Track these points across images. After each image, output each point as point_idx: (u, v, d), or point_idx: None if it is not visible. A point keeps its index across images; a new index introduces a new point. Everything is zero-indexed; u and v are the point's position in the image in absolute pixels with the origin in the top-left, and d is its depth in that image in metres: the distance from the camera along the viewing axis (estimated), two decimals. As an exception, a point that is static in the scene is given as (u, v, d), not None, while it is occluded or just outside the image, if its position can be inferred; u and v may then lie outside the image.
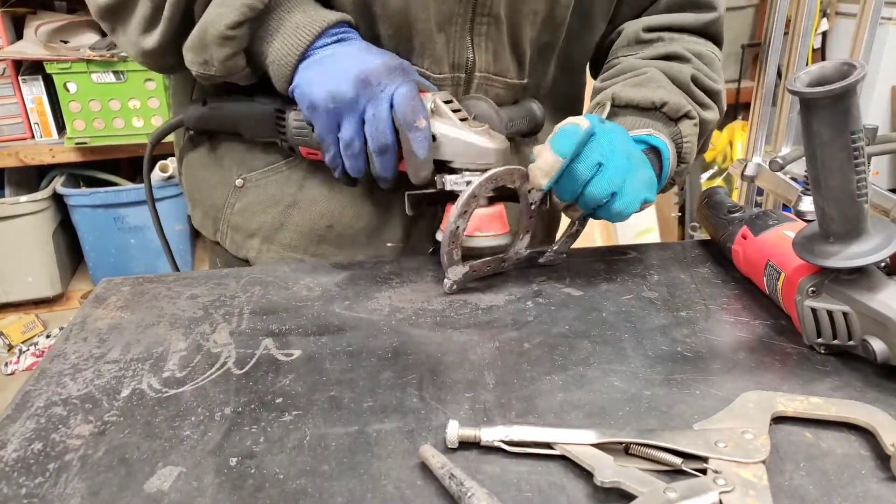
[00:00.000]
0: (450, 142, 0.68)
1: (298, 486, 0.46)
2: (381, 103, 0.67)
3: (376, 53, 0.70)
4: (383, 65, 0.68)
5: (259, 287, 0.74)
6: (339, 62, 0.68)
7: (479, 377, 0.58)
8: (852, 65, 0.50)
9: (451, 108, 0.70)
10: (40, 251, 2.47)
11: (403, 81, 0.68)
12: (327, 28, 0.69)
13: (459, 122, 0.69)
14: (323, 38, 0.70)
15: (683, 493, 0.43)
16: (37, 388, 0.57)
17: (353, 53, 0.69)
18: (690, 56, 0.82)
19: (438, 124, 0.69)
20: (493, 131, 0.72)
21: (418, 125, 0.67)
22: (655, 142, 0.73)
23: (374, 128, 0.68)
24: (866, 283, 0.56)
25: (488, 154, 0.68)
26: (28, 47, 2.28)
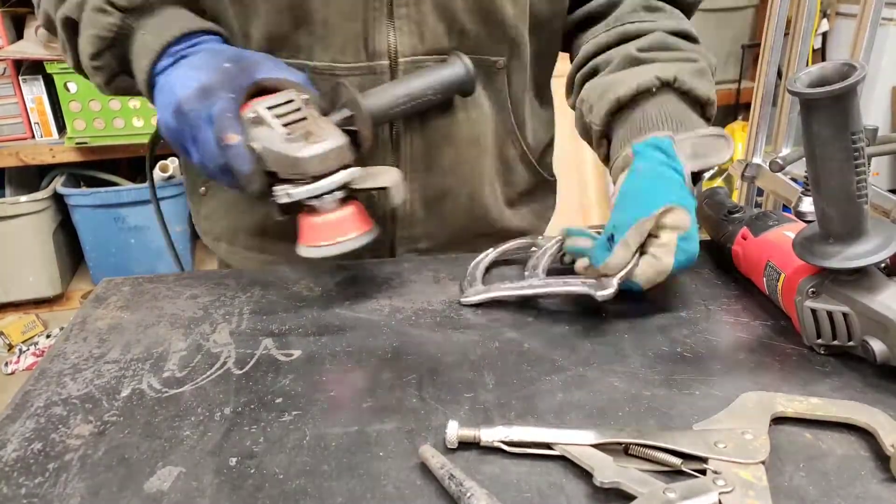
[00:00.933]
0: (269, 153, 0.65)
1: (298, 486, 0.47)
2: (201, 129, 0.66)
3: (201, 69, 0.67)
4: (198, 88, 0.65)
5: (259, 287, 0.74)
6: (168, 91, 0.68)
7: (478, 377, 0.58)
8: (852, 65, 0.50)
9: (282, 110, 0.66)
10: (40, 251, 2.48)
11: (216, 101, 0.65)
12: (167, 47, 0.69)
13: (281, 127, 0.65)
14: (164, 58, 0.69)
15: (683, 494, 0.43)
16: (37, 388, 0.57)
17: (179, 78, 0.67)
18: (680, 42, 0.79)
19: (260, 135, 0.65)
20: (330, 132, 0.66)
21: (228, 141, 0.64)
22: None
23: (203, 152, 0.67)
24: (866, 284, 0.56)
25: (298, 162, 0.64)
26: (28, 47, 2.29)
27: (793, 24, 1.25)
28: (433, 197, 0.83)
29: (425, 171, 0.81)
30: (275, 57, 0.72)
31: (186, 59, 0.69)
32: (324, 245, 0.67)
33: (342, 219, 0.67)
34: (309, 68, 0.75)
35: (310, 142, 0.64)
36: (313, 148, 0.64)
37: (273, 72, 0.69)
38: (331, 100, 0.73)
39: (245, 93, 0.67)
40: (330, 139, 0.65)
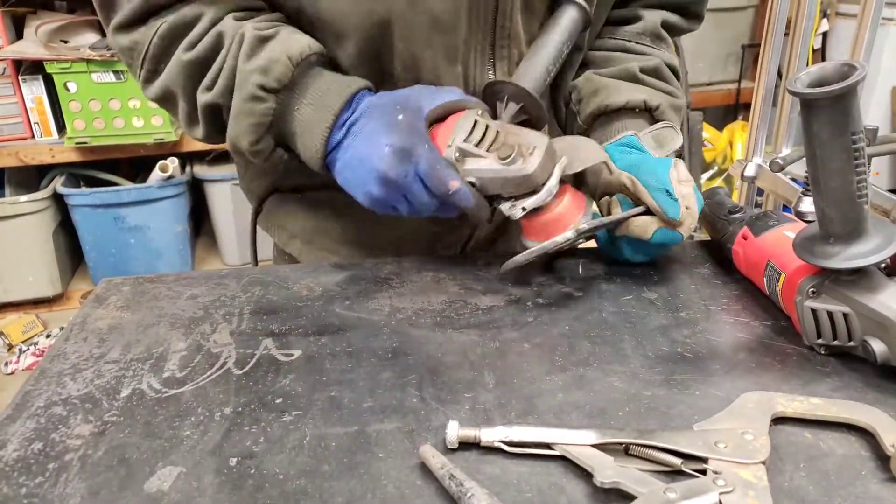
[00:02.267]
0: (488, 181, 0.67)
1: (298, 486, 0.47)
2: (411, 188, 0.68)
3: (385, 134, 0.67)
4: (393, 152, 0.66)
5: (259, 287, 0.74)
6: (359, 165, 0.68)
7: (479, 377, 0.58)
8: (852, 65, 0.50)
9: (475, 138, 0.67)
10: (40, 251, 2.47)
11: (419, 157, 0.66)
12: (335, 120, 0.68)
13: (487, 152, 0.67)
14: (335, 132, 0.69)
15: (683, 494, 0.43)
16: (37, 388, 0.57)
17: (365, 147, 0.67)
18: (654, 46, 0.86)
19: (472, 168, 0.67)
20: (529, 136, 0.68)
21: (451, 189, 0.67)
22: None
23: (419, 203, 0.69)
24: (866, 284, 0.56)
25: (527, 180, 0.66)
26: (28, 47, 2.28)
27: (793, 24, 1.25)
28: None
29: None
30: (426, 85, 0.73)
31: (356, 126, 0.69)
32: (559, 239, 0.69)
33: (566, 209, 0.70)
34: None
35: (525, 155, 0.66)
36: (533, 161, 0.66)
37: (436, 99, 0.69)
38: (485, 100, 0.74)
39: (428, 134, 0.68)
40: (537, 144, 0.67)
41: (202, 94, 0.70)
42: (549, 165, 0.67)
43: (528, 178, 0.66)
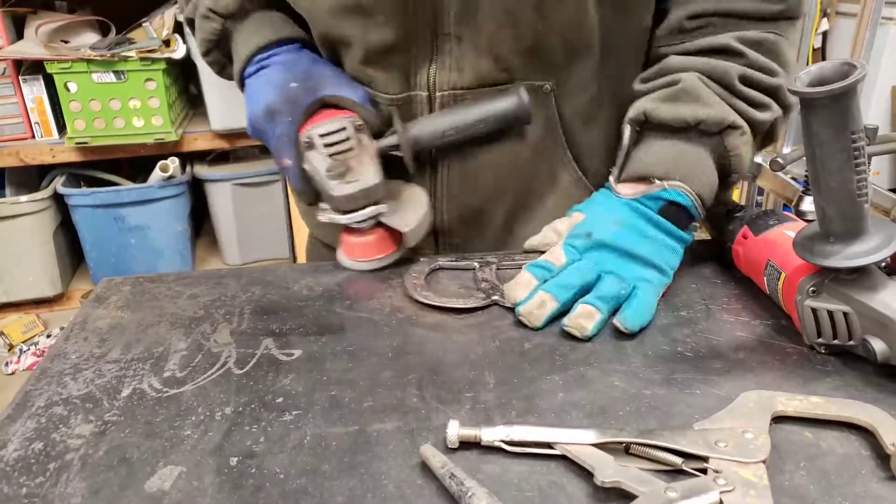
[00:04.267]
0: (316, 178, 0.73)
1: (299, 485, 0.47)
2: (269, 143, 0.76)
3: (272, 87, 0.75)
4: (265, 108, 0.74)
5: (259, 287, 0.74)
6: (248, 102, 0.78)
7: (479, 377, 0.58)
8: (852, 65, 0.50)
9: (332, 138, 0.72)
10: (41, 251, 2.47)
11: (277, 124, 0.74)
12: (251, 56, 0.78)
13: (327, 158, 0.72)
14: (250, 66, 0.79)
15: (684, 493, 0.43)
16: (37, 388, 0.57)
17: (255, 93, 0.77)
18: (742, 48, 0.71)
19: (312, 158, 0.73)
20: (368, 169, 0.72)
21: (283, 163, 0.74)
22: (674, 196, 0.68)
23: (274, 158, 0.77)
24: (866, 283, 0.56)
25: (331, 199, 0.73)
26: (28, 47, 2.28)
27: (793, 23, 1.25)
28: (470, 216, 0.82)
29: (461, 192, 0.81)
30: (341, 71, 0.79)
31: (265, 70, 0.78)
32: (353, 260, 0.77)
33: (369, 243, 0.76)
34: None
35: (345, 180, 0.72)
36: (344, 188, 0.72)
37: (337, 90, 0.75)
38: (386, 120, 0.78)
39: (307, 112, 0.74)
40: (362, 179, 0.72)
41: (187, 9, 0.84)
42: (360, 202, 0.73)
43: (334, 198, 0.72)
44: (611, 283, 0.65)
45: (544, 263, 0.68)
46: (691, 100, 0.69)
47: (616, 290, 0.64)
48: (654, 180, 0.69)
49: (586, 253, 0.68)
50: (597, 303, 0.63)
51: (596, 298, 0.64)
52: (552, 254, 0.69)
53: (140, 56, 2.25)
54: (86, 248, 2.53)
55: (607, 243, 0.67)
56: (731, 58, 0.71)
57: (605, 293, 0.64)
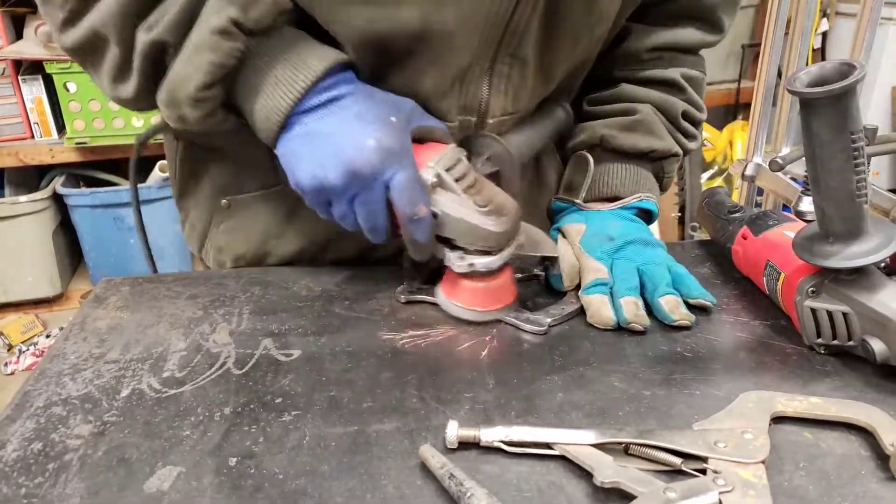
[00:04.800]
0: (453, 221, 0.62)
1: (298, 486, 0.46)
2: (375, 191, 0.60)
3: (372, 123, 0.59)
4: (377, 147, 0.58)
5: (259, 287, 0.74)
6: (327, 141, 0.59)
7: (478, 377, 0.58)
8: (852, 65, 0.50)
9: (457, 172, 0.63)
10: (40, 251, 2.47)
11: (400, 167, 0.60)
12: (314, 83, 0.60)
13: (465, 195, 0.62)
14: (311, 96, 0.60)
15: (683, 494, 0.43)
16: (36, 388, 0.57)
17: (345, 128, 0.60)
18: (685, 85, 0.82)
19: (441, 200, 0.62)
20: (504, 198, 0.65)
21: (418, 214, 0.61)
22: (647, 205, 0.79)
23: (366, 212, 0.62)
24: (866, 284, 0.56)
25: (491, 238, 0.62)
26: (28, 47, 2.28)
27: (792, 23, 1.25)
28: None
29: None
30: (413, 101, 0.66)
31: (341, 102, 0.61)
32: (475, 310, 0.66)
33: (500, 287, 0.66)
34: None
35: (500, 214, 0.62)
36: (504, 222, 0.62)
37: (425, 119, 0.65)
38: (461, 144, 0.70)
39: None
40: (512, 210, 0.64)
41: (144, 32, 0.58)
42: (514, 234, 0.65)
43: (496, 235, 0.62)
44: (660, 270, 0.68)
45: (598, 281, 0.67)
46: (647, 132, 0.80)
47: (667, 274, 0.68)
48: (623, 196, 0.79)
49: (616, 254, 0.71)
50: (673, 291, 0.66)
51: (667, 287, 0.66)
52: (594, 270, 0.68)
53: (139, 56, 2.25)
54: (85, 248, 2.53)
55: (630, 239, 0.72)
56: (675, 92, 0.82)
57: (667, 279, 0.67)
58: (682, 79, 0.82)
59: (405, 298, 0.70)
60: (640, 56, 0.81)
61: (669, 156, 0.82)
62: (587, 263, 0.70)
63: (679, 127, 0.82)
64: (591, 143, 0.80)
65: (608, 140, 0.80)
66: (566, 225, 0.76)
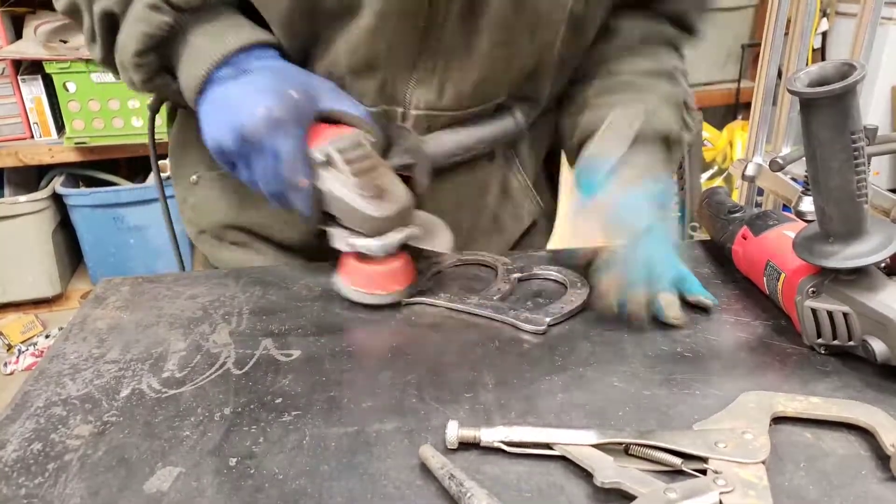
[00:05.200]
0: (335, 200, 0.65)
1: (298, 486, 0.46)
2: (264, 158, 0.64)
3: (268, 93, 0.63)
4: (265, 115, 0.62)
5: (259, 287, 0.74)
6: (227, 107, 0.65)
7: (478, 377, 0.58)
8: (852, 65, 0.50)
9: (352, 154, 0.65)
10: (40, 251, 2.47)
11: (286, 137, 0.63)
12: (227, 56, 0.65)
13: (352, 177, 0.64)
14: (222, 68, 0.66)
15: (683, 494, 0.43)
16: (36, 388, 0.57)
17: (243, 97, 0.64)
18: (680, 77, 0.81)
19: (328, 178, 0.64)
20: (397, 187, 0.67)
21: (299, 185, 0.64)
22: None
23: (260, 178, 0.66)
24: (866, 284, 0.56)
25: (370, 221, 0.64)
26: (27, 47, 2.28)
27: (792, 23, 1.25)
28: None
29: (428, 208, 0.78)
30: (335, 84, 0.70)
31: (249, 75, 0.66)
32: (364, 292, 0.68)
33: (391, 272, 0.68)
34: None
35: (383, 199, 0.64)
36: (385, 208, 0.64)
37: (338, 103, 0.67)
38: (386, 138, 0.72)
39: (309, 125, 0.65)
40: (399, 199, 0.65)
41: (98, 2, 0.67)
42: (399, 223, 0.66)
43: (370, 220, 0.64)
44: (667, 266, 0.67)
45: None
46: (663, 120, 0.76)
47: (671, 270, 0.67)
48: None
49: (637, 241, 0.66)
50: (671, 288, 0.66)
51: (668, 284, 0.66)
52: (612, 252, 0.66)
53: (139, 56, 2.25)
54: (85, 248, 2.53)
55: (652, 228, 0.67)
56: (674, 83, 0.80)
57: (670, 276, 0.67)
58: (677, 71, 0.81)
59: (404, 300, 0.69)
60: (633, 47, 0.80)
61: (680, 141, 0.79)
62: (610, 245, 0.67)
63: (682, 116, 0.80)
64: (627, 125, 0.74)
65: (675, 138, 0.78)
66: (595, 197, 0.70)
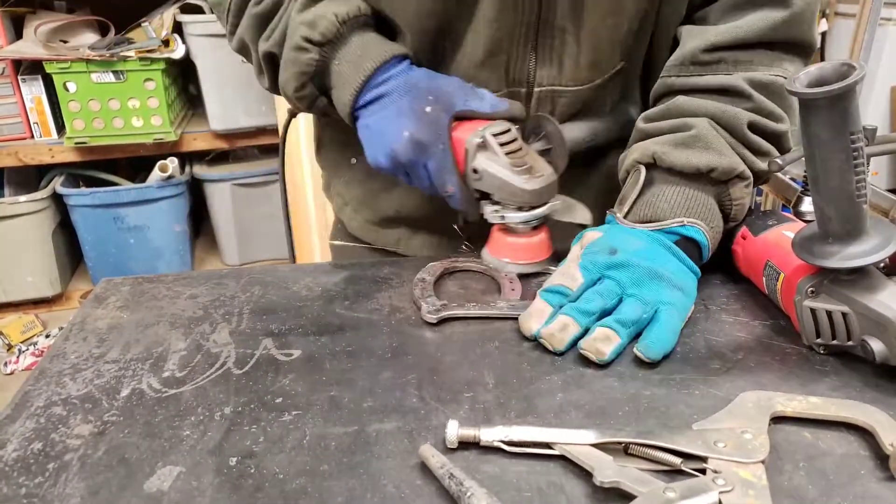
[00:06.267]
0: (490, 177, 0.71)
1: (298, 485, 0.47)
2: (418, 174, 0.73)
3: (408, 118, 0.70)
4: (410, 140, 0.70)
5: (259, 287, 0.74)
6: (378, 133, 0.73)
7: (478, 377, 0.58)
8: (851, 65, 0.50)
9: (503, 139, 0.71)
10: (40, 251, 2.48)
11: (430, 156, 0.71)
12: (367, 80, 0.72)
13: (505, 157, 0.70)
14: (364, 93, 0.73)
15: (683, 493, 0.43)
16: (36, 388, 0.57)
17: (386, 124, 0.72)
18: (750, 91, 0.71)
19: (483, 159, 0.71)
20: (543, 166, 0.73)
21: (448, 192, 0.73)
22: (691, 232, 0.68)
23: (419, 184, 0.75)
24: (865, 284, 0.56)
25: (522, 194, 0.71)
26: (27, 47, 2.28)
27: (792, 23, 1.25)
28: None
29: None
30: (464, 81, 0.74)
31: (385, 99, 0.72)
32: (511, 262, 0.75)
33: (535, 244, 0.75)
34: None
35: (533, 175, 0.71)
36: (535, 182, 0.71)
37: (466, 102, 0.72)
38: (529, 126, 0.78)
39: (450, 132, 0.71)
40: (546, 175, 0.72)
41: (262, 43, 0.77)
42: (546, 196, 0.72)
43: (525, 192, 0.70)
44: (633, 306, 0.62)
45: (559, 288, 0.64)
46: (703, 147, 0.69)
47: (638, 314, 0.61)
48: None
49: (608, 271, 0.64)
50: (616, 326, 0.60)
51: (615, 322, 0.60)
52: (567, 276, 0.65)
53: (139, 56, 2.25)
54: (85, 248, 2.53)
55: (633, 262, 0.64)
56: (739, 100, 0.71)
57: (626, 317, 0.61)
58: (747, 85, 0.71)
59: (434, 318, 0.66)
60: (697, 58, 0.74)
61: (734, 177, 0.69)
62: (566, 268, 0.67)
63: (745, 140, 0.70)
64: (644, 161, 0.71)
65: (661, 158, 0.70)
66: (586, 231, 0.72)
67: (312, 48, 0.72)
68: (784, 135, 0.73)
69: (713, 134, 0.70)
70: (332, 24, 0.71)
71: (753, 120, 0.70)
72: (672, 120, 0.72)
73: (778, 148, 0.72)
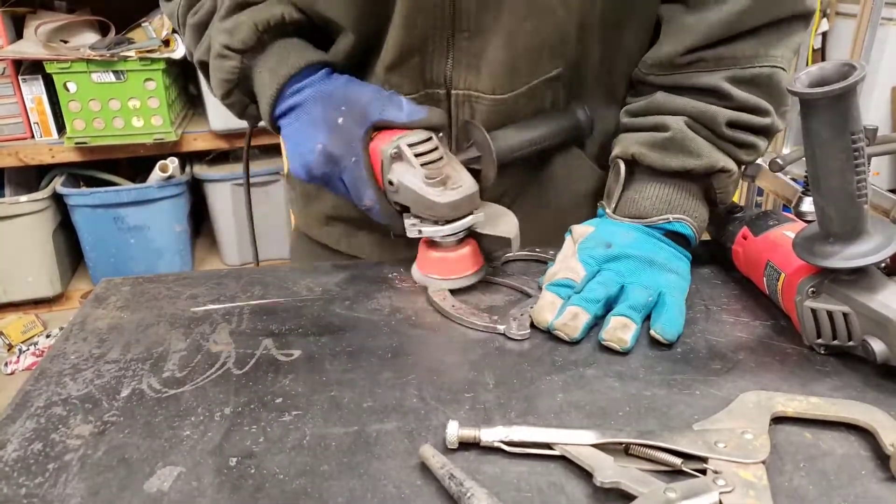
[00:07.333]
0: (405, 190, 0.69)
1: (298, 486, 0.47)
2: (336, 182, 0.73)
3: (321, 130, 0.70)
4: (322, 153, 0.70)
5: (259, 287, 0.74)
6: (294, 144, 0.73)
7: (478, 377, 0.58)
8: (852, 65, 0.50)
9: (420, 149, 0.69)
10: (40, 251, 2.48)
11: (343, 168, 0.71)
12: (281, 88, 0.73)
13: (420, 168, 0.68)
14: (280, 103, 0.74)
15: (683, 494, 0.43)
16: (36, 388, 0.57)
17: (300, 137, 0.72)
18: (730, 90, 0.70)
19: (399, 170, 0.69)
20: (464, 177, 0.70)
21: (366, 205, 0.72)
22: (678, 228, 0.71)
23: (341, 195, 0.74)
24: (866, 284, 0.56)
25: (436, 207, 0.68)
26: (28, 47, 2.28)
27: (792, 23, 1.25)
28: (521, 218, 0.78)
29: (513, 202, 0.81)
30: (381, 89, 0.73)
31: (300, 109, 0.73)
32: (437, 278, 0.72)
33: (459, 258, 0.72)
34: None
35: (447, 187, 0.68)
36: (450, 194, 0.68)
37: (382, 112, 0.71)
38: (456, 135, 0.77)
39: (364, 143, 0.70)
40: (464, 186, 0.69)
41: (197, 52, 0.79)
42: (465, 209, 0.69)
43: (438, 206, 0.68)
44: (638, 291, 0.64)
45: (564, 281, 0.66)
46: (679, 150, 0.71)
47: (645, 298, 0.64)
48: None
49: (606, 264, 0.67)
50: (630, 313, 0.62)
51: (628, 308, 0.62)
52: (570, 269, 0.67)
53: (139, 56, 2.25)
54: (85, 248, 2.53)
55: (629, 253, 0.67)
56: (719, 100, 0.71)
57: (636, 302, 0.63)
58: (727, 83, 0.70)
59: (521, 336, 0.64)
60: (674, 62, 0.73)
61: (716, 171, 0.71)
62: (568, 263, 0.68)
63: (725, 137, 0.71)
64: (625, 157, 0.74)
65: (639, 157, 0.72)
66: (577, 226, 0.74)
67: (233, 55, 0.73)
68: (769, 127, 0.73)
69: (689, 135, 0.71)
70: (251, 32, 0.72)
71: (734, 118, 0.71)
72: (651, 117, 0.74)
73: (765, 136, 0.74)
